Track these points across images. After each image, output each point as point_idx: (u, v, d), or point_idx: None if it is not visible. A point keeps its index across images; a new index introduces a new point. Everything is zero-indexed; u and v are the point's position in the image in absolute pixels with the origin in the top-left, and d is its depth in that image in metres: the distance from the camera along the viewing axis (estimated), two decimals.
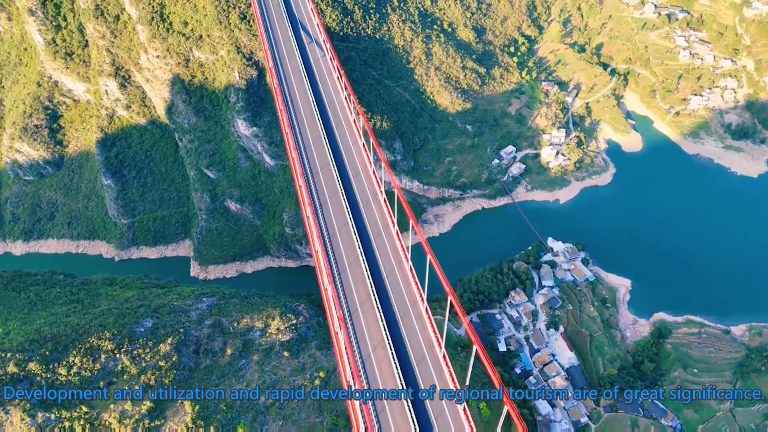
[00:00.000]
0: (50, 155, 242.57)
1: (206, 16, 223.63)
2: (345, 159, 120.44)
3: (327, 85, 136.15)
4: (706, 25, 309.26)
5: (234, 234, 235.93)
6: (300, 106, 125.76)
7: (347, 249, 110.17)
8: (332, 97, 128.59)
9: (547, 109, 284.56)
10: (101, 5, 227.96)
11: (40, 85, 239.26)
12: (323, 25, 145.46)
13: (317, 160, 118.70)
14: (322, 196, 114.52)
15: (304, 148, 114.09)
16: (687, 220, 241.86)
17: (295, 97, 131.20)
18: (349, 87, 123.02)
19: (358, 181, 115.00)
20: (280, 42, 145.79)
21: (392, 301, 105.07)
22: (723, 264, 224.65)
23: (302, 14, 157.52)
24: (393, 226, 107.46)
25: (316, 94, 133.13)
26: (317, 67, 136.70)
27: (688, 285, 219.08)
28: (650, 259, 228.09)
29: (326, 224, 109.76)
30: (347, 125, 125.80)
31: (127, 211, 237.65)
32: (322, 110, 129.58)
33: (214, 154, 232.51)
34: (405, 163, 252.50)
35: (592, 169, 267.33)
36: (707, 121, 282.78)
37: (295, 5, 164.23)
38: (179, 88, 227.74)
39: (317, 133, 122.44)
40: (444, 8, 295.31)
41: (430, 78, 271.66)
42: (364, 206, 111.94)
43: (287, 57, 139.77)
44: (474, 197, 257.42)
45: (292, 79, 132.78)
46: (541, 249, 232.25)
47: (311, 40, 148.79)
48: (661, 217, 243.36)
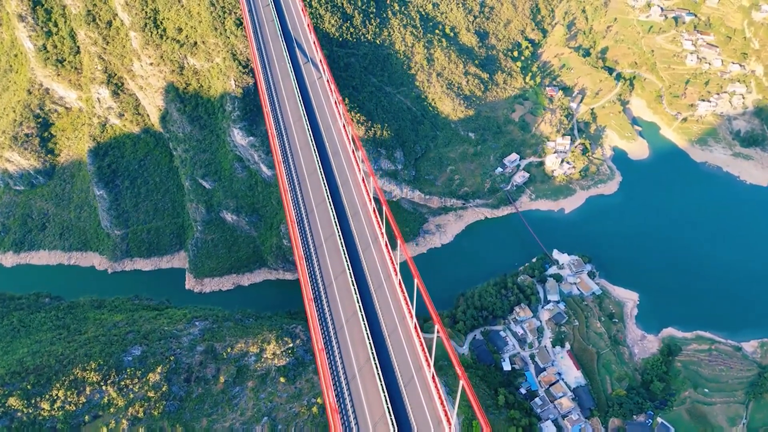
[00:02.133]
0: (41, 164, 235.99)
1: (201, 23, 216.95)
2: (343, 196, 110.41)
3: (324, 111, 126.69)
4: (713, 28, 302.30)
5: (230, 246, 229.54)
6: (294, 134, 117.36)
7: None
8: (329, 124, 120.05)
9: (552, 115, 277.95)
10: (93, 11, 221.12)
11: (31, 92, 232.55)
12: (320, 46, 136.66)
13: (312, 198, 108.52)
14: (317, 238, 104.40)
15: (299, 184, 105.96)
16: (696, 230, 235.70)
17: (289, 124, 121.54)
18: (347, 115, 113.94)
19: (356, 222, 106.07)
20: (273, 62, 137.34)
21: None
22: (733, 276, 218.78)
23: (298, 32, 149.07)
24: (392, 265, 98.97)
25: (312, 121, 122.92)
26: (313, 90, 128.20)
27: (698, 298, 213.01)
28: (658, 271, 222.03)
29: (321, 273, 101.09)
30: (344, 154, 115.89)
31: (121, 222, 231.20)
32: (318, 139, 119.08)
33: (209, 164, 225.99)
34: (406, 173, 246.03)
35: (597, 178, 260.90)
36: (715, 127, 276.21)
37: (290, 22, 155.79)
38: (173, 96, 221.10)
39: (313, 166, 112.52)
40: (446, 12, 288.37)
41: (432, 84, 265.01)
42: (363, 252, 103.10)
43: (281, 79, 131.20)
44: (477, 207, 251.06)
45: (286, 103, 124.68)
46: (546, 261, 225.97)
47: (307, 60, 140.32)
48: (669, 228, 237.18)
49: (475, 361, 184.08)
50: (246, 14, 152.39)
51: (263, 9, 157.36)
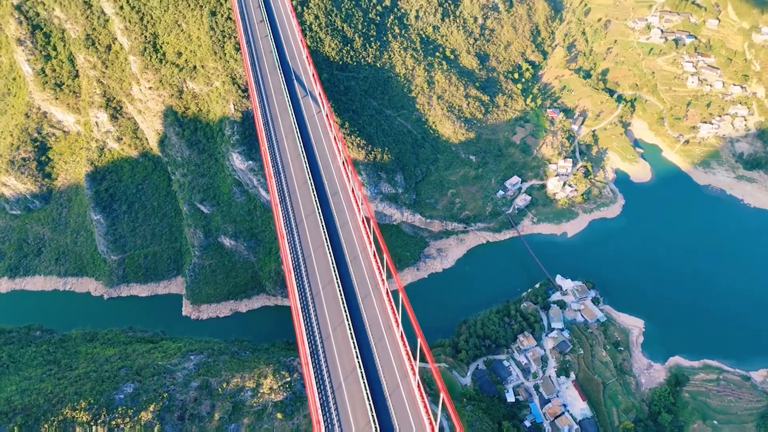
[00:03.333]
0: (38, 189, 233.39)
1: (201, 47, 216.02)
2: (342, 239, 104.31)
3: (323, 147, 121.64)
4: (714, 50, 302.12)
5: (228, 271, 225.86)
6: (292, 172, 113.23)
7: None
8: (328, 162, 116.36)
9: (553, 137, 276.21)
10: (92, 35, 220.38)
11: (29, 116, 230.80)
12: (319, 80, 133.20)
13: (311, 242, 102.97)
14: (315, 285, 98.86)
15: (296, 226, 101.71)
16: (700, 255, 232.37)
17: (287, 161, 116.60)
18: (347, 153, 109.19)
19: (356, 267, 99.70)
20: (271, 95, 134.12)
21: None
22: (740, 302, 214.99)
23: (296, 63, 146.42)
24: (393, 316, 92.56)
25: (311, 158, 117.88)
26: (312, 125, 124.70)
27: (704, 325, 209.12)
28: (663, 297, 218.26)
29: (319, 325, 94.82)
30: (344, 193, 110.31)
31: (117, 246, 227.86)
32: (316, 178, 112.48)
33: (208, 188, 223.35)
34: (407, 196, 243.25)
35: (600, 201, 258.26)
36: (718, 150, 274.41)
37: (289, 53, 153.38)
38: (172, 120, 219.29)
39: (311, 207, 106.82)
40: (446, 35, 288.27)
41: (433, 107, 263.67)
42: (363, 300, 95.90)
43: (279, 113, 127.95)
44: (478, 230, 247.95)
45: (284, 139, 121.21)
46: (549, 287, 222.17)
47: (306, 93, 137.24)
48: (673, 252, 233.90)
49: (477, 392, 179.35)
50: (243, 45, 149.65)
51: (261, 40, 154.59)
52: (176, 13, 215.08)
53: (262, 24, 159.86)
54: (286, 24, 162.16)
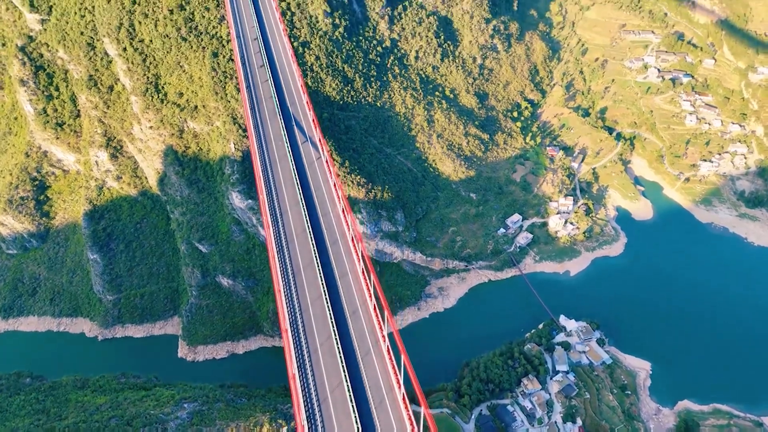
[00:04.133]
0: (35, 228, 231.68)
1: (202, 87, 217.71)
2: (341, 291, 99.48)
3: (322, 195, 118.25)
4: (711, 89, 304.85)
5: (225, 311, 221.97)
6: (291, 221, 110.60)
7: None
8: (328, 209, 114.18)
9: (553, 175, 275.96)
10: (95, 76, 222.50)
11: (29, 155, 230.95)
12: (320, 124, 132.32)
13: (308, 294, 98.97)
14: (312, 342, 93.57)
15: (293, 277, 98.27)
16: (706, 294, 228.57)
17: (286, 209, 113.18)
18: (346, 201, 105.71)
19: (355, 322, 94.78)
20: (270, 141, 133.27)
21: None
22: (748, 343, 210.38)
23: (297, 108, 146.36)
24: (395, 376, 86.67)
25: (310, 206, 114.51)
26: (311, 171, 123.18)
27: (712, 367, 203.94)
28: (669, 337, 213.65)
29: (316, 385, 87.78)
30: (343, 242, 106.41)
31: (114, 286, 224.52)
32: (315, 226, 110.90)
33: (206, 227, 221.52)
34: (407, 234, 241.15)
35: (602, 239, 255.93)
36: (719, 187, 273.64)
37: (289, 99, 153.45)
38: (172, 159, 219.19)
39: (309, 257, 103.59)
40: (446, 74, 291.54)
41: (432, 145, 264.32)
42: (363, 358, 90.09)
43: (278, 159, 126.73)
44: (480, 269, 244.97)
45: (283, 187, 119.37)
46: (553, 328, 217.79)
47: (305, 139, 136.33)
48: (678, 292, 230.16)
49: None
50: (243, 90, 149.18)
51: (262, 85, 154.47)
52: (178, 55, 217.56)
53: (262, 68, 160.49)
54: (287, 69, 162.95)
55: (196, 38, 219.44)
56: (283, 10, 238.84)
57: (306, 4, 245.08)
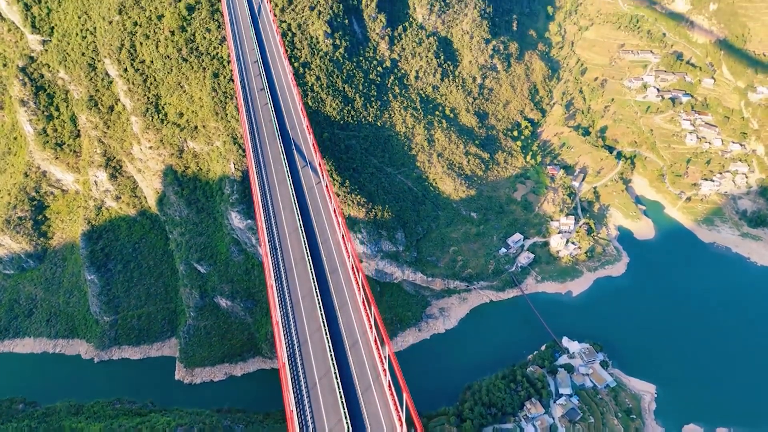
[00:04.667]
0: (33, 248, 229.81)
1: (202, 107, 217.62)
2: (341, 323, 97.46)
3: (322, 221, 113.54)
4: (711, 108, 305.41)
5: (223, 333, 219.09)
6: (289, 248, 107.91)
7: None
8: (327, 236, 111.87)
9: (554, 194, 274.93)
10: (95, 96, 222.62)
11: (28, 175, 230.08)
12: (319, 151, 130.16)
13: (307, 327, 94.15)
14: (311, 377, 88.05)
15: (291, 308, 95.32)
16: (710, 315, 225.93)
17: (284, 235, 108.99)
18: (346, 229, 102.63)
19: (355, 355, 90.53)
20: (270, 166, 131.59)
21: None
22: (754, 365, 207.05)
23: (296, 132, 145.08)
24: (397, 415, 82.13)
25: (309, 232, 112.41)
26: (311, 197, 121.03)
27: (717, 389, 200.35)
28: (673, 359, 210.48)
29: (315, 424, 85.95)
30: (343, 271, 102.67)
31: (111, 307, 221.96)
32: (314, 253, 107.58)
33: (205, 247, 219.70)
34: (408, 254, 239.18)
35: (604, 259, 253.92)
36: (720, 207, 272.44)
37: (289, 122, 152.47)
38: (171, 180, 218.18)
39: (308, 286, 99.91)
40: (446, 94, 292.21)
41: (433, 165, 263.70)
42: (363, 393, 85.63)
43: (277, 184, 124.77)
44: (481, 289, 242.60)
45: (282, 212, 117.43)
46: (556, 349, 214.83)
47: (305, 163, 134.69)
48: (682, 312, 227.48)
49: None
50: (243, 114, 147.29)
51: (261, 108, 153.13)
52: (179, 75, 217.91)
53: (262, 92, 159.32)
54: (287, 92, 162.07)
55: (196, 59, 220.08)
56: (283, 31, 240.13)
57: (306, 25, 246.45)
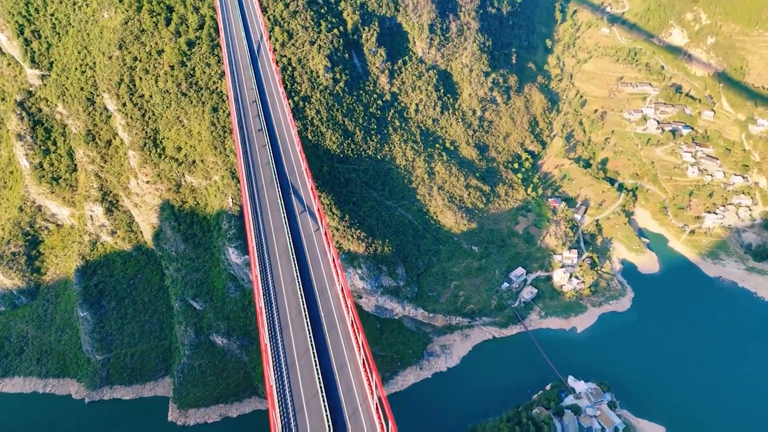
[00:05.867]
0: (25, 284, 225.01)
1: (201, 142, 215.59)
2: (339, 384, 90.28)
3: (320, 271, 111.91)
4: (711, 141, 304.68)
5: (219, 372, 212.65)
6: (285, 301, 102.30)
7: None
8: (325, 287, 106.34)
9: (556, 227, 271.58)
10: (93, 130, 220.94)
11: (23, 209, 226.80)
12: (317, 195, 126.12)
13: (303, 390, 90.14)
14: None
15: (286, 369, 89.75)
16: (719, 352, 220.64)
17: (280, 288, 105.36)
18: (345, 281, 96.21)
19: (355, 423, 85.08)
20: (267, 211, 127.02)
21: None
22: (765, 405, 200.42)
23: (295, 176, 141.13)
24: None
25: (306, 284, 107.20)
26: (309, 245, 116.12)
27: (728, 430, 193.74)
28: (682, 399, 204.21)
29: None
30: (342, 326, 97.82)
31: (103, 345, 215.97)
32: (312, 307, 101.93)
33: (201, 283, 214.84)
34: (408, 289, 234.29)
35: (608, 294, 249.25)
36: (725, 240, 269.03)
37: (287, 165, 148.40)
38: (168, 214, 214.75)
39: (304, 344, 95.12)
40: (446, 126, 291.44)
41: (433, 197, 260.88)
42: None
43: (274, 231, 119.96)
44: (484, 325, 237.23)
45: (278, 262, 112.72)
46: (562, 389, 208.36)
47: (303, 209, 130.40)
48: (690, 350, 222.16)
49: None
50: (240, 156, 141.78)
51: (259, 150, 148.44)
52: (178, 110, 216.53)
53: (260, 133, 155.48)
54: (285, 133, 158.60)
55: (196, 93, 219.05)
56: (283, 65, 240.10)
57: (307, 59, 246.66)
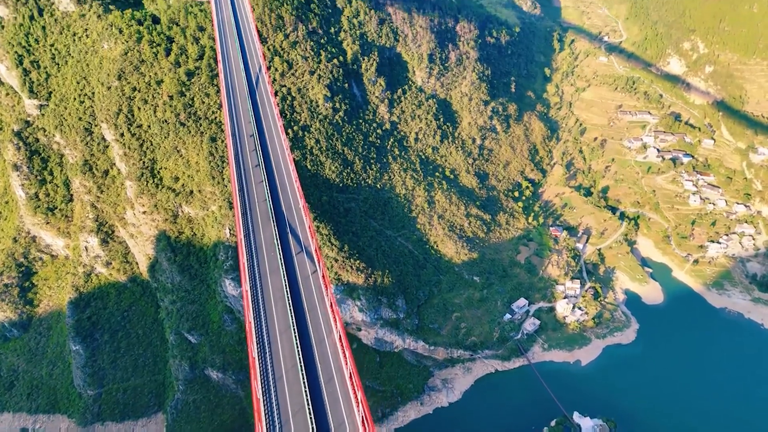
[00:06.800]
0: (17, 316, 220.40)
1: (199, 172, 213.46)
2: None
3: (317, 317, 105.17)
4: (712, 169, 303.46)
5: (214, 408, 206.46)
6: (279, 351, 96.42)
7: None
8: (323, 336, 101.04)
9: (558, 257, 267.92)
10: (90, 161, 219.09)
11: (17, 240, 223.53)
12: (315, 235, 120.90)
13: None
14: None
15: (280, 427, 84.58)
16: (727, 387, 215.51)
17: (275, 335, 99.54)
18: (345, 337, 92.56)
19: None
20: (262, 251, 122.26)
21: None
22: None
23: (292, 213, 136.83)
24: None
25: (302, 332, 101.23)
26: (305, 288, 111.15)
27: None
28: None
29: None
30: (340, 380, 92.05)
31: (95, 380, 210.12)
32: (308, 358, 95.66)
33: (197, 316, 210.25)
34: (408, 321, 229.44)
35: (612, 325, 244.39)
36: (729, 270, 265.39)
37: (284, 202, 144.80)
38: (164, 245, 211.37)
39: (299, 400, 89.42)
40: (445, 155, 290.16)
41: (434, 227, 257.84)
42: None
43: (269, 273, 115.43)
44: (486, 358, 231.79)
45: (273, 308, 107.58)
46: (567, 426, 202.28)
47: (300, 249, 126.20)
48: (698, 384, 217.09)
49: None
50: (235, 192, 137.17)
51: (256, 186, 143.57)
52: (176, 140, 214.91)
53: (257, 169, 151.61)
54: (283, 168, 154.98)
55: (194, 123, 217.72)
56: (283, 95, 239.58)
57: (306, 89, 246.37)
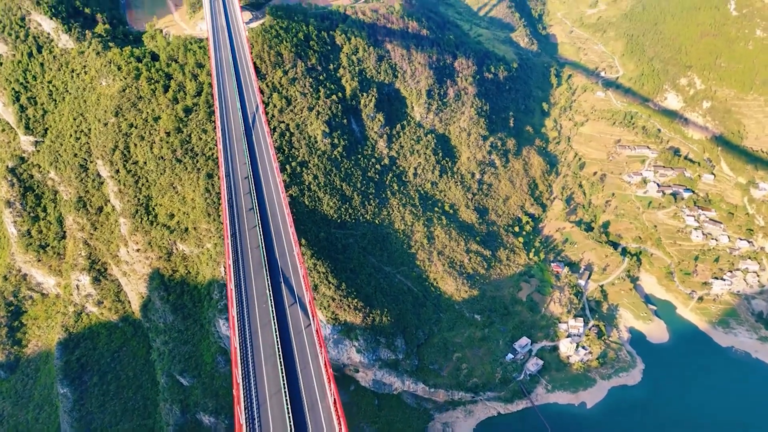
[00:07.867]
0: (5, 357, 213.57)
1: (194, 208, 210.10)
2: None
3: (310, 378, 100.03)
4: (714, 204, 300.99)
5: None
6: (270, 418, 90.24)
7: None
8: (316, 399, 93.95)
9: (560, 294, 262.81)
10: (84, 197, 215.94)
11: (7, 278, 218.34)
12: (310, 286, 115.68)
13: None
14: None
15: None
16: (737, 431, 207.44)
17: (264, 399, 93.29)
18: (340, 403, 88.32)
19: None
20: (253, 303, 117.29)
21: None
22: None
23: (286, 261, 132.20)
24: None
25: (294, 394, 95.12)
26: (298, 344, 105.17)
27: None
28: None
29: None
30: None
31: (82, 425, 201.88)
32: (300, 427, 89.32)
33: (189, 357, 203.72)
34: (408, 362, 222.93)
35: (617, 365, 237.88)
36: (734, 307, 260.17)
37: (278, 249, 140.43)
38: (158, 284, 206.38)
39: None
40: (445, 190, 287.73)
41: (433, 263, 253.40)
42: None
43: (260, 327, 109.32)
44: (488, 400, 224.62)
45: (263, 366, 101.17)
46: None
47: (294, 300, 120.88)
48: (707, 427, 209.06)
49: None
50: (227, 238, 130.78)
51: (249, 231, 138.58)
52: (172, 176, 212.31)
53: (251, 212, 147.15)
54: (278, 211, 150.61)
55: (191, 159, 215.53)
56: (281, 131, 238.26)
57: (305, 125, 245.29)
